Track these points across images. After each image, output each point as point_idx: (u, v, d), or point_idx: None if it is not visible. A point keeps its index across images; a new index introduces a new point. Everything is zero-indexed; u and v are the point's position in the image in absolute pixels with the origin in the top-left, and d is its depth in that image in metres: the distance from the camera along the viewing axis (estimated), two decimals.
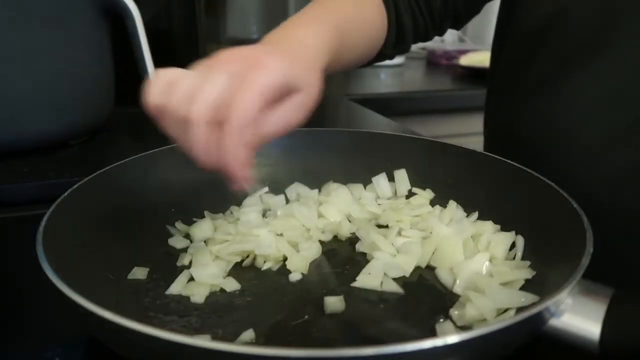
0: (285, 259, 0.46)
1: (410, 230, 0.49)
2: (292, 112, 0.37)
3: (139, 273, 0.43)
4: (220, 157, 0.34)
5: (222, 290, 0.43)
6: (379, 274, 0.44)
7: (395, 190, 0.57)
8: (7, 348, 0.38)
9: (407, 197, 0.56)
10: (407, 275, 0.44)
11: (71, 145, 0.74)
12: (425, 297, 0.42)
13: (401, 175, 0.57)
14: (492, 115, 0.67)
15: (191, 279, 0.43)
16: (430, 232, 0.48)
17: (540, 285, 0.39)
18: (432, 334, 0.37)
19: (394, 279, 0.44)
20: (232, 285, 0.43)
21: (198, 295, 0.41)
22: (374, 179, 0.57)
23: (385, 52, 0.62)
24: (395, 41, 0.62)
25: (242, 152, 0.34)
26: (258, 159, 0.58)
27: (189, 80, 0.35)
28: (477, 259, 0.44)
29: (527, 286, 0.41)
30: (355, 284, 0.43)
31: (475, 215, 0.51)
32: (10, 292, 0.45)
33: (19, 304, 0.43)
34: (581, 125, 0.51)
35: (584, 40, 0.51)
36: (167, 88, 0.35)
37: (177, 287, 0.42)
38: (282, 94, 0.36)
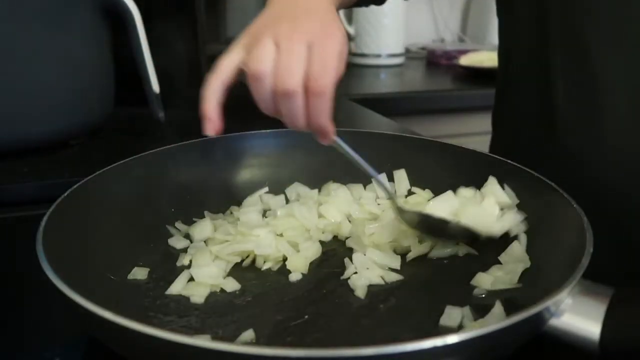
0: (285, 259, 0.46)
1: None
2: (341, 62, 0.40)
3: (139, 273, 0.43)
4: (316, 119, 0.38)
5: (222, 290, 0.43)
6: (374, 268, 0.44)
7: (395, 191, 0.57)
8: (7, 348, 0.38)
9: (407, 196, 0.56)
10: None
11: (71, 145, 0.74)
12: (424, 291, 0.42)
13: (401, 175, 0.57)
14: (501, 115, 0.67)
15: (191, 279, 0.43)
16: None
17: (540, 285, 0.39)
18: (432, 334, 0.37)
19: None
20: (232, 285, 0.43)
21: (198, 295, 0.41)
22: (374, 179, 0.57)
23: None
24: None
25: (331, 113, 0.38)
26: (258, 159, 0.59)
27: (271, 55, 0.38)
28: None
29: (527, 286, 0.41)
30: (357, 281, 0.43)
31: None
32: (11, 292, 0.45)
33: (19, 304, 0.43)
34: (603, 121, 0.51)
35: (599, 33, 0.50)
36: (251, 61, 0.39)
37: (177, 287, 0.42)
38: None
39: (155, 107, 0.73)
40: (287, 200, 0.57)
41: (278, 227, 0.49)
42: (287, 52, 0.37)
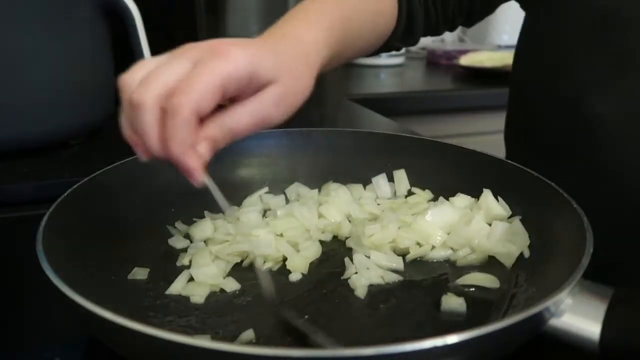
0: (285, 259, 0.46)
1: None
2: (266, 106, 0.35)
3: (139, 273, 0.43)
4: (169, 143, 0.32)
5: (222, 290, 0.43)
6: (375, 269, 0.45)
7: (395, 191, 0.57)
8: (7, 348, 0.38)
9: (406, 197, 0.56)
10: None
11: (71, 145, 0.74)
12: (424, 291, 0.42)
13: (400, 175, 0.57)
14: (516, 116, 0.66)
15: (191, 279, 0.43)
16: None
17: (540, 285, 0.39)
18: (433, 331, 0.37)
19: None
20: (232, 285, 0.43)
21: (198, 295, 0.41)
22: (373, 179, 0.57)
23: (393, 43, 0.61)
24: (404, 33, 0.60)
25: (188, 140, 0.32)
26: (258, 159, 0.59)
27: (149, 67, 0.34)
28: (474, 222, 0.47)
29: (527, 286, 0.41)
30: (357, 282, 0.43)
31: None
32: (11, 292, 0.45)
33: (19, 304, 0.43)
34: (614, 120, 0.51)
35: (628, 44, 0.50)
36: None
37: (177, 287, 0.42)
38: (253, 87, 0.35)
39: None
40: (287, 200, 0.57)
41: (278, 227, 0.49)
42: (164, 66, 0.33)
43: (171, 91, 0.32)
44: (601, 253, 0.35)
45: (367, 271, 0.44)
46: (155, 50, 0.72)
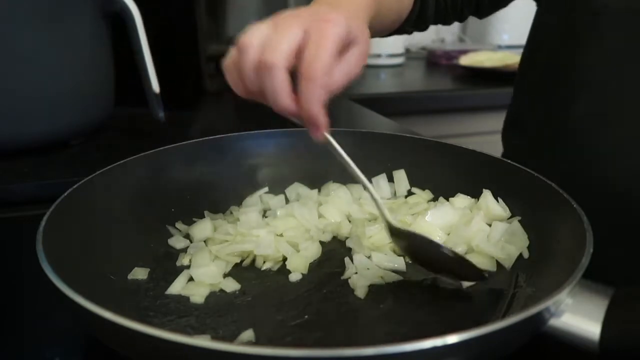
0: (285, 259, 0.46)
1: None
2: (355, 61, 0.39)
3: (139, 273, 0.43)
4: (304, 104, 0.36)
5: (222, 290, 0.43)
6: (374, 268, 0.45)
7: (395, 191, 0.57)
8: (7, 348, 0.38)
9: (406, 197, 0.56)
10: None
11: (71, 145, 0.74)
12: (424, 291, 0.42)
13: (400, 175, 0.57)
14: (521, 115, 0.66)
15: (191, 279, 0.43)
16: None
17: (540, 285, 0.39)
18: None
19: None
20: (232, 285, 0.43)
21: (198, 295, 0.41)
22: (373, 180, 0.57)
23: (406, 27, 0.65)
24: (417, 18, 0.64)
25: (323, 99, 0.36)
26: (258, 159, 0.59)
27: (264, 32, 0.37)
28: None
29: (527, 286, 0.41)
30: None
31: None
32: (10, 292, 0.45)
33: (19, 304, 0.43)
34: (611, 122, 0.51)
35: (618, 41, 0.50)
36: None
37: (176, 287, 0.42)
38: (345, 46, 0.38)
39: (155, 107, 0.72)
40: (287, 200, 0.57)
41: (278, 227, 0.49)
42: (280, 31, 0.36)
43: (298, 55, 0.36)
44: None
45: (367, 271, 0.44)
46: (156, 50, 0.72)
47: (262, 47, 0.36)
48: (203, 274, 0.43)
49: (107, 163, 0.49)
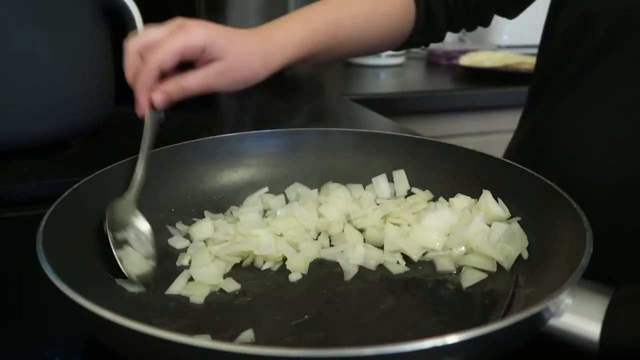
0: (285, 259, 0.46)
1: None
2: (210, 75, 0.50)
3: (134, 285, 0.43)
4: (134, 83, 0.48)
5: (222, 290, 0.42)
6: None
7: (395, 191, 0.57)
8: (7, 348, 0.38)
9: (406, 197, 0.56)
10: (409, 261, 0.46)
11: (71, 145, 0.74)
12: (424, 291, 0.42)
13: (400, 175, 0.57)
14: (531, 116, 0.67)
15: (191, 279, 0.43)
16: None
17: (540, 285, 0.39)
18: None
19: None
20: (231, 285, 0.43)
21: (198, 295, 0.41)
22: (373, 180, 0.57)
23: (414, 39, 0.67)
24: (425, 29, 0.66)
25: (147, 84, 0.48)
26: (258, 159, 0.59)
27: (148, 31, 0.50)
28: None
29: (527, 286, 0.41)
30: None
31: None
32: (10, 292, 0.45)
33: (19, 303, 0.43)
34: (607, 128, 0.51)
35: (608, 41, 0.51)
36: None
37: (177, 287, 0.42)
38: (206, 58, 0.50)
39: None
40: (287, 200, 0.57)
41: (278, 227, 0.49)
42: (153, 30, 0.50)
43: (149, 47, 0.48)
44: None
45: (355, 250, 0.45)
46: None
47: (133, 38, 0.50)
48: (203, 274, 0.43)
49: (107, 163, 0.49)
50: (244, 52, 0.51)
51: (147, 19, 0.71)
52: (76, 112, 0.71)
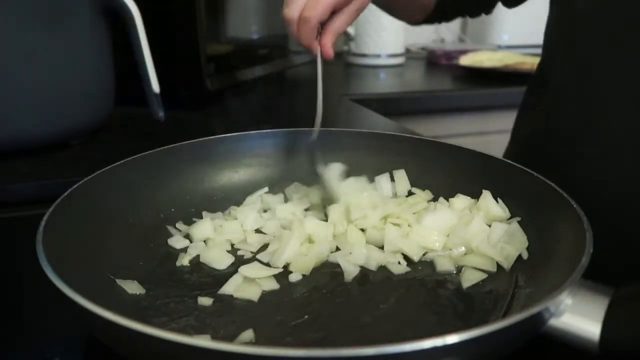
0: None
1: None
2: (354, 13, 0.56)
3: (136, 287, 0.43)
4: (300, 38, 0.54)
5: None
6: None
7: (395, 192, 0.57)
8: (7, 348, 0.38)
9: (407, 197, 0.56)
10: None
11: (71, 145, 0.74)
12: (424, 290, 0.42)
13: (400, 175, 0.57)
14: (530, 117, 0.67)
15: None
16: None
17: (540, 285, 0.39)
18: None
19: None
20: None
21: (253, 293, 0.41)
22: (376, 179, 0.57)
23: (435, 16, 0.76)
24: (435, 7, 0.74)
25: (312, 36, 0.54)
26: (258, 159, 0.59)
27: None
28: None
29: (527, 286, 0.41)
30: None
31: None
32: (10, 292, 0.45)
33: (19, 304, 0.43)
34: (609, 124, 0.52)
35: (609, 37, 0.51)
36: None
37: (229, 289, 0.42)
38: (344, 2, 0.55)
39: (155, 107, 0.73)
40: (287, 200, 0.57)
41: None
42: None
43: (306, 7, 0.53)
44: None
45: (355, 250, 0.45)
46: (156, 50, 0.72)
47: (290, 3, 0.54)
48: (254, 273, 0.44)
49: (107, 163, 0.49)
50: None
51: (147, 19, 0.71)
52: (76, 112, 0.71)
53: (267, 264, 0.46)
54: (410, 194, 0.56)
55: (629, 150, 0.49)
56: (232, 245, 0.49)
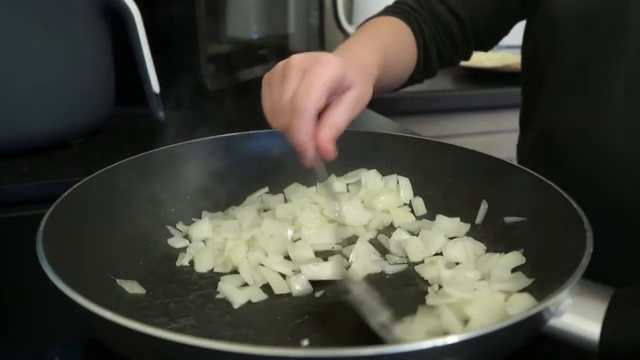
0: None
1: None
2: (354, 104, 0.43)
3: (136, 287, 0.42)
4: (294, 136, 0.40)
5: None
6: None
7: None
8: (7, 348, 0.38)
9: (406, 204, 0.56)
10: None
11: (71, 145, 0.74)
12: (425, 290, 0.42)
13: (405, 183, 0.57)
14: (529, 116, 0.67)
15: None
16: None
17: (540, 285, 0.39)
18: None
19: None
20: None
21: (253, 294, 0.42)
22: (362, 175, 0.57)
23: (416, 76, 0.69)
24: (423, 67, 0.68)
25: (310, 132, 0.40)
26: (258, 159, 0.59)
27: (277, 86, 0.43)
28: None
29: (526, 287, 0.41)
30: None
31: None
32: (11, 292, 0.45)
33: (19, 304, 0.43)
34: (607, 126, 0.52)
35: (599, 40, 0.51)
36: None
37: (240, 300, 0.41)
38: (343, 89, 0.43)
39: (155, 107, 0.73)
40: (286, 200, 0.57)
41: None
42: (286, 77, 0.42)
43: (294, 94, 0.40)
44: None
45: (364, 258, 0.45)
46: (156, 50, 0.72)
47: (276, 93, 0.42)
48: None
49: (107, 163, 0.49)
50: (361, 76, 0.45)
51: (147, 19, 0.71)
52: (76, 112, 0.71)
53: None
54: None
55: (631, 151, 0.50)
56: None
